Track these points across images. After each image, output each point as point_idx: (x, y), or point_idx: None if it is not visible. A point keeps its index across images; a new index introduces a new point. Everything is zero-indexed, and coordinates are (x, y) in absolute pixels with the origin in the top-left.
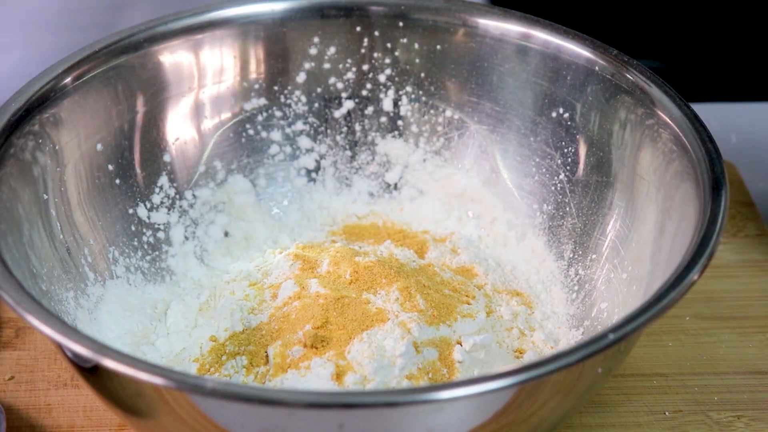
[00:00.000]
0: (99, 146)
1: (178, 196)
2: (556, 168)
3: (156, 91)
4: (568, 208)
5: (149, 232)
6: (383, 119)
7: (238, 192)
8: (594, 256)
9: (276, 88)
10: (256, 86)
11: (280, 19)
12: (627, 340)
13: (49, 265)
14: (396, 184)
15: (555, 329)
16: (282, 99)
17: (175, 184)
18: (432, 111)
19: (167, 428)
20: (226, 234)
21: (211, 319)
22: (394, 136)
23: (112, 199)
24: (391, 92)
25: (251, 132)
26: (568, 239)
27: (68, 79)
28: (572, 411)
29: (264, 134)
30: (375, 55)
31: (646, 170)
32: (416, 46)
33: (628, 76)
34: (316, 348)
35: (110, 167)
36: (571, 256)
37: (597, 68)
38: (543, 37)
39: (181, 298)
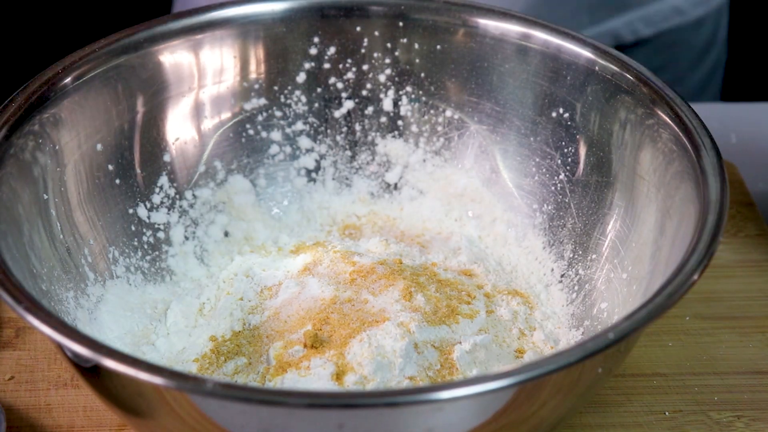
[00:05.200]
0: (99, 146)
1: (178, 196)
2: (556, 168)
3: (156, 91)
4: (568, 208)
5: (149, 232)
6: (383, 119)
7: (238, 192)
8: (594, 256)
9: (276, 88)
10: (256, 86)
11: (280, 19)
12: (627, 340)
13: (49, 265)
14: (396, 184)
15: (555, 329)
16: (282, 99)
17: (175, 184)
18: (432, 111)
19: (167, 428)
20: (226, 234)
21: (211, 319)
22: (394, 136)
23: (112, 199)
24: (391, 92)
25: (251, 132)
26: (568, 239)
27: (68, 79)
28: (572, 411)
29: (264, 134)
30: (375, 55)
31: (646, 170)
32: (416, 46)
33: (628, 76)
34: (316, 348)
35: (110, 167)
36: (571, 256)
37: (597, 68)
38: (543, 37)
39: (181, 298)
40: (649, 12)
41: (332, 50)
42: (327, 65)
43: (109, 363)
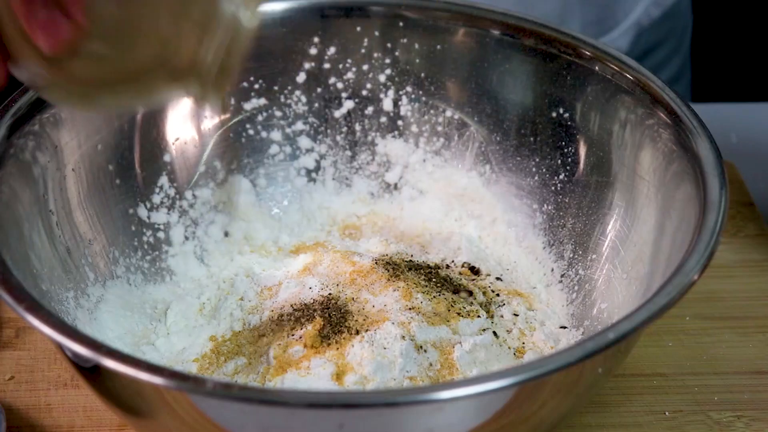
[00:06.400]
0: (99, 146)
1: (178, 196)
2: (556, 168)
3: None
4: (568, 208)
5: (149, 232)
6: (383, 119)
7: (238, 192)
8: (594, 256)
9: (276, 88)
10: (256, 86)
11: (280, 19)
12: (627, 340)
13: (49, 265)
14: (396, 184)
15: (555, 329)
16: (282, 99)
17: (175, 184)
18: (432, 111)
19: (167, 428)
20: (226, 234)
21: (211, 319)
22: (394, 136)
23: (112, 199)
24: (391, 92)
25: (251, 132)
26: (568, 239)
27: None
28: (572, 411)
29: (264, 134)
30: (375, 55)
31: (646, 170)
32: (416, 46)
33: (628, 76)
34: (316, 348)
35: (110, 167)
36: (571, 256)
37: (597, 68)
38: (543, 37)
39: (181, 298)
40: None
41: (332, 50)
42: (327, 65)
43: (109, 363)
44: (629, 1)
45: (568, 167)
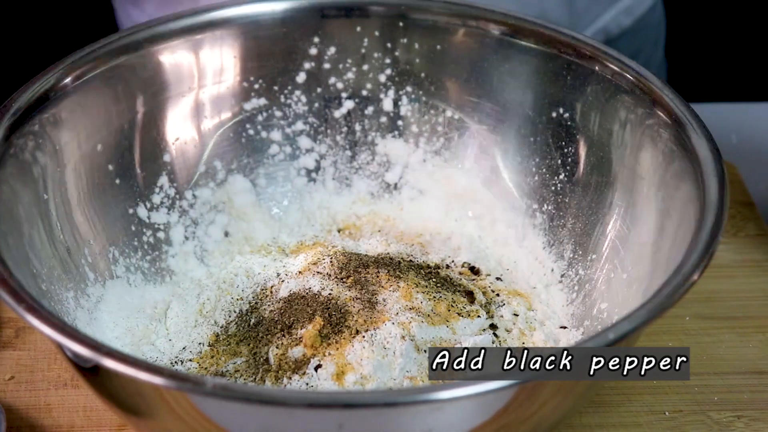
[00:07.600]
0: (99, 146)
1: (178, 196)
2: (556, 168)
3: (156, 91)
4: (568, 208)
5: (149, 232)
6: (383, 119)
7: (238, 192)
8: (594, 256)
9: (276, 88)
10: (256, 86)
11: (280, 19)
12: (627, 340)
13: (49, 265)
14: (396, 184)
15: (555, 329)
16: (282, 99)
17: (175, 184)
18: (432, 111)
19: (167, 428)
20: (226, 234)
21: (211, 318)
22: (394, 136)
23: (112, 199)
24: (391, 92)
25: (251, 132)
26: (568, 239)
27: (68, 79)
28: (572, 411)
29: (264, 134)
30: (375, 55)
31: (646, 170)
32: (416, 46)
33: (628, 76)
34: (316, 348)
35: (110, 167)
36: (571, 256)
37: (597, 68)
38: (543, 37)
39: (181, 298)
40: (629, 3)
41: (332, 50)
42: (327, 65)
43: (109, 363)
44: (595, 8)
45: (568, 167)
